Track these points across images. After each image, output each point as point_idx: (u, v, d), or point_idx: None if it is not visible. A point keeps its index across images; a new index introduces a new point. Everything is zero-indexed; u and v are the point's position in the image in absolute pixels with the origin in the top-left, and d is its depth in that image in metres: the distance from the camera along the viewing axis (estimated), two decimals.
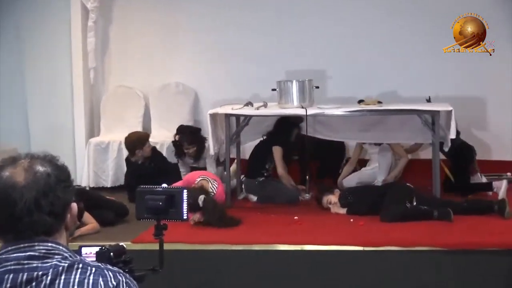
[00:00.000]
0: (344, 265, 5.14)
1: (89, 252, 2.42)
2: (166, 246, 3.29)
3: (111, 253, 2.33)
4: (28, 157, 1.76)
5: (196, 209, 5.75)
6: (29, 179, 1.70)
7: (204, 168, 7.28)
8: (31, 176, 1.71)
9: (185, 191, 2.93)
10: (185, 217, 2.93)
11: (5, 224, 1.70)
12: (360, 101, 6.95)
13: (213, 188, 6.29)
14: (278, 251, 5.28)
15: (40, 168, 1.73)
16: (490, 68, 7.81)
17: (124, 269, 2.24)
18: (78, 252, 2.51)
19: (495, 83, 7.93)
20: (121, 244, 2.42)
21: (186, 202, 2.88)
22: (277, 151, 6.93)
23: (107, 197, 6.57)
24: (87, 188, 7.61)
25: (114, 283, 1.69)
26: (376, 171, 7.18)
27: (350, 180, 7.19)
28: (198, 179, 6.41)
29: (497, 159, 7.87)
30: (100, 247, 2.37)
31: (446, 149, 6.73)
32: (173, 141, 7.57)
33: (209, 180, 6.41)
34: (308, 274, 5.13)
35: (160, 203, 2.88)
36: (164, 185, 2.99)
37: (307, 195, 6.54)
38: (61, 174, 1.76)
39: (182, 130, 7.55)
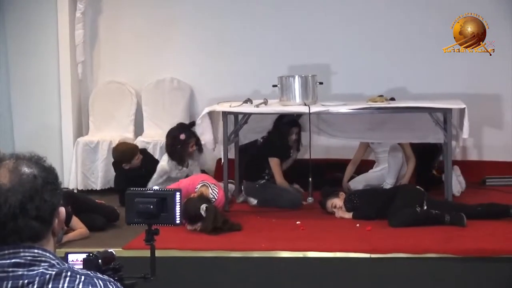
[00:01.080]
0: (349, 273, 5.13)
1: (76, 259, 2.40)
2: (159, 253, 3.27)
3: (99, 260, 2.31)
4: (13, 157, 1.74)
5: (198, 220, 5.76)
6: (14, 181, 1.68)
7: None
8: (16, 178, 1.69)
9: (177, 193, 2.91)
10: (177, 222, 2.91)
11: None
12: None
13: (213, 194, 6.25)
14: (279, 259, 5.27)
15: (26, 170, 1.71)
16: (504, 64, 7.79)
17: (113, 277, 2.22)
18: (65, 259, 2.49)
19: (510, 80, 7.91)
20: (110, 250, 2.40)
21: (179, 205, 2.86)
22: (273, 163, 6.96)
23: (97, 200, 6.54)
24: (75, 191, 7.58)
25: None
26: (384, 173, 7.14)
27: (357, 182, 7.16)
28: (199, 186, 6.35)
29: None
30: (87, 254, 2.35)
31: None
32: (170, 145, 7.02)
33: (209, 185, 6.36)
34: (311, 283, 5.10)
35: (151, 207, 2.86)
36: (156, 187, 2.97)
37: (310, 198, 6.50)
38: (48, 176, 1.74)
39: (186, 126, 7.15)
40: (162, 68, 8.43)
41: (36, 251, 1.68)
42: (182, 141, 6.99)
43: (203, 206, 5.78)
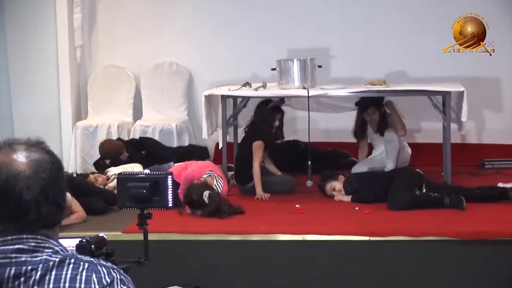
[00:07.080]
0: (348, 256, 5.10)
1: (68, 245, 2.33)
2: (157, 237, 3.24)
3: (92, 246, 2.27)
4: (22, 142, 1.71)
5: (199, 206, 5.66)
6: (32, 168, 1.65)
7: None
8: (34, 165, 1.66)
9: (169, 177, 2.90)
10: (170, 205, 2.89)
11: (11, 218, 1.65)
12: None
13: (217, 186, 6.11)
14: (278, 242, 5.22)
15: (40, 156, 1.69)
16: (504, 47, 7.72)
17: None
18: None
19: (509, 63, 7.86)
20: (101, 235, 2.37)
21: (171, 189, 2.83)
22: (257, 146, 6.41)
23: (96, 184, 6.50)
24: (74, 175, 7.52)
25: (108, 280, 1.65)
26: (384, 157, 7.06)
27: (360, 166, 7.05)
28: (205, 176, 6.20)
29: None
30: (80, 240, 2.30)
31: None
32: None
33: (215, 177, 6.22)
34: (310, 265, 5.07)
35: (144, 191, 2.85)
36: (147, 170, 2.93)
37: (310, 182, 6.37)
38: (58, 161, 1.73)
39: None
40: (161, 52, 8.38)
41: (39, 237, 1.66)
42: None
43: (206, 193, 5.68)
